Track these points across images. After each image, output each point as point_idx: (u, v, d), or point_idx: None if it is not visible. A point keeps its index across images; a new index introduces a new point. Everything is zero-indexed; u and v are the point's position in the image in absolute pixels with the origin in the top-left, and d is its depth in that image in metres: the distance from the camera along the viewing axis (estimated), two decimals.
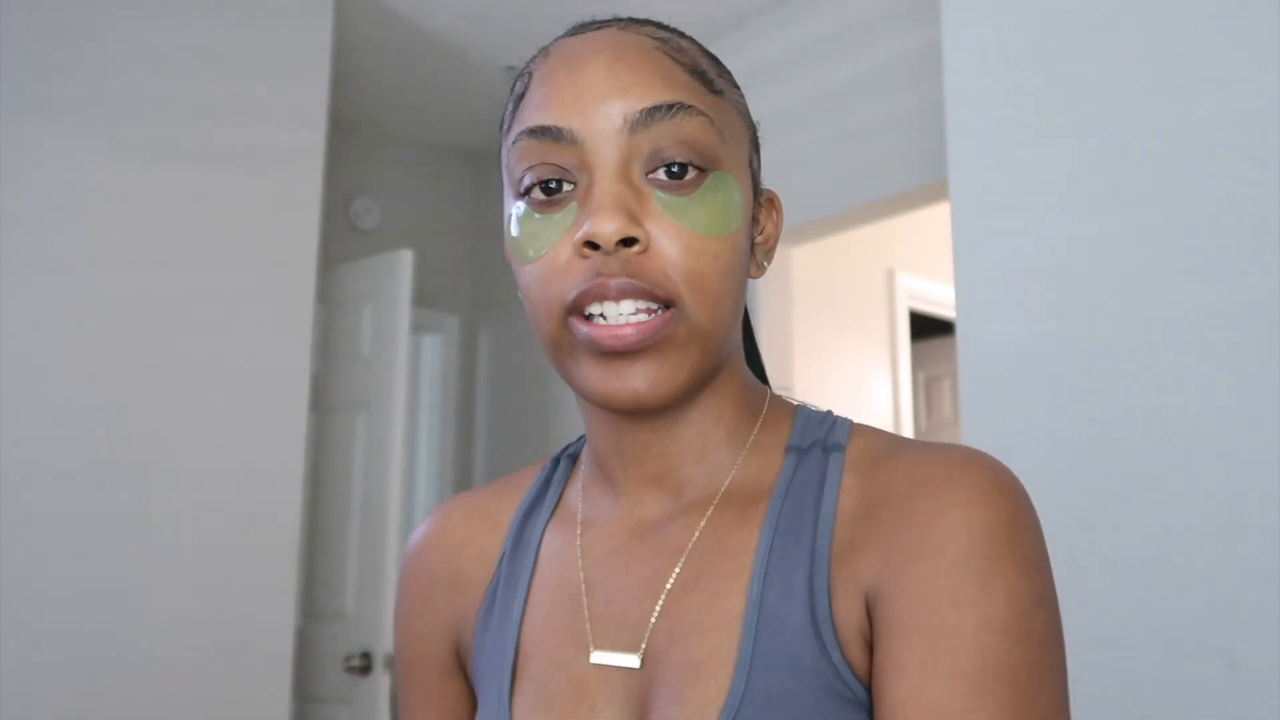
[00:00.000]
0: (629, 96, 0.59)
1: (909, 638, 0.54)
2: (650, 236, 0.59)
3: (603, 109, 0.59)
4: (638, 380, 0.59)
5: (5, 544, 2.27)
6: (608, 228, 0.57)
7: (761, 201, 0.69)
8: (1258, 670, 1.57)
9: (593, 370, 0.60)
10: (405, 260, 3.25)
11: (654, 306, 0.59)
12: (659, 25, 0.66)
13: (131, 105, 2.56)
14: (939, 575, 0.55)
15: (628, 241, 0.58)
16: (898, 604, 0.55)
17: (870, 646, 0.57)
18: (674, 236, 0.59)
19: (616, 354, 0.59)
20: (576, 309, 0.59)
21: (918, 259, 4.04)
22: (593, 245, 0.58)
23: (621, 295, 0.58)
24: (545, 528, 0.72)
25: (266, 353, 2.70)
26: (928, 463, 0.59)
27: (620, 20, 0.66)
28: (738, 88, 0.68)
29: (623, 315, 0.58)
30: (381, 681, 3.00)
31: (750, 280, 0.76)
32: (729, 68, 0.69)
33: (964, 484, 0.57)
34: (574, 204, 0.60)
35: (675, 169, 0.59)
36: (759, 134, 0.70)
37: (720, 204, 0.60)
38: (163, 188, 2.58)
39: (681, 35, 0.66)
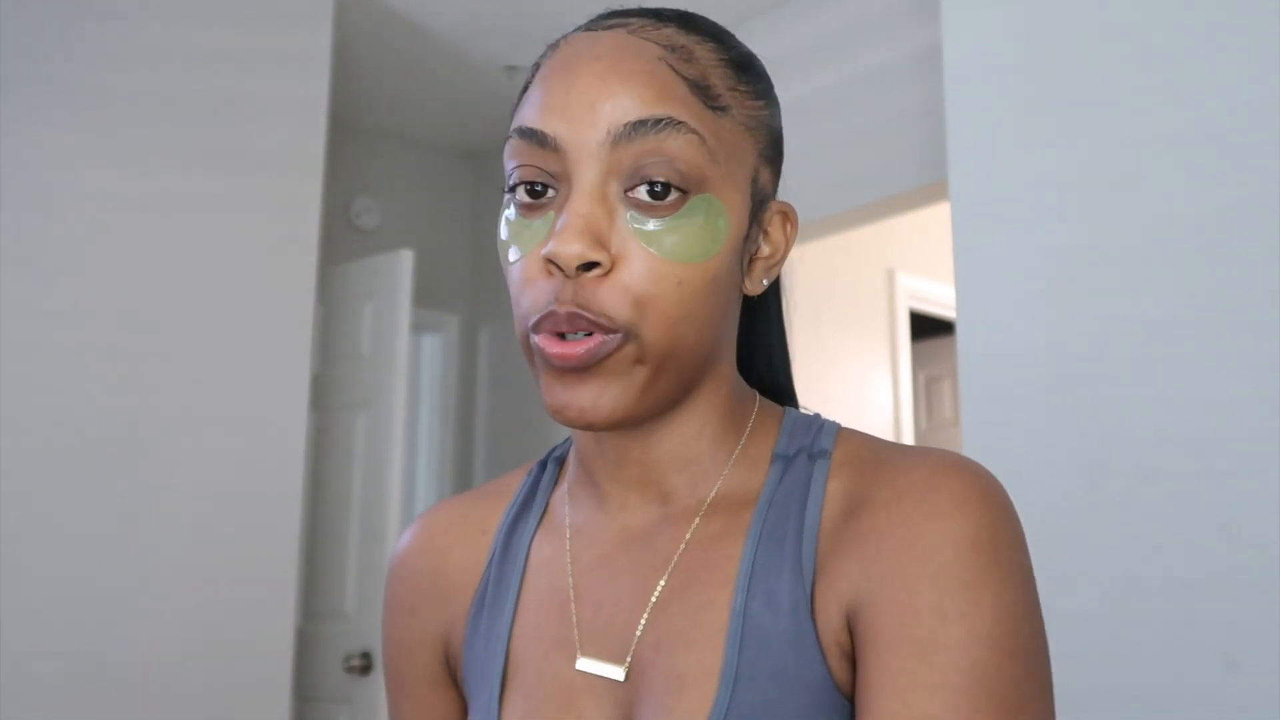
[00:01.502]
0: (616, 108, 0.58)
1: (897, 650, 0.54)
2: (615, 256, 0.58)
3: (588, 119, 0.58)
4: (585, 399, 0.58)
5: (5, 545, 2.27)
6: (569, 250, 0.56)
7: (769, 215, 0.66)
8: (1258, 670, 1.57)
9: (548, 384, 0.60)
10: (405, 260, 3.25)
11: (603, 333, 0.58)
12: (682, 25, 0.63)
13: (132, 105, 2.56)
14: (923, 588, 0.54)
15: (589, 265, 0.57)
16: (882, 617, 0.55)
17: (848, 658, 0.57)
18: (640, 260, 0.58)
19: (567, 371, 0.58)
20: (537, 329, 0.59)
21: (918, 259, 4.04)
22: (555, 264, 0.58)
23: (575, 328, 0.57)
24: (534, 534, 0.71)
25: (266, 352, 2.70)
26: (909, 470, 0.59)
27: (640, 17, 0.63)
28: (761, 98, 0.65)
29: (577, 335, 0.58)
30: (381, 681, 3.00)
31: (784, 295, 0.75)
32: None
33: (945, 492, 0.57)
34: (551, 212, 0.60)
35: (657, 189, 0.58)
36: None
37: (697, 230, 0.59)
38: (163, 188, 2.58)
39: (708, 37, 0.64)
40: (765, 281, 0.66)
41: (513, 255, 0.61)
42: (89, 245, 2.47)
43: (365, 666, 3.04)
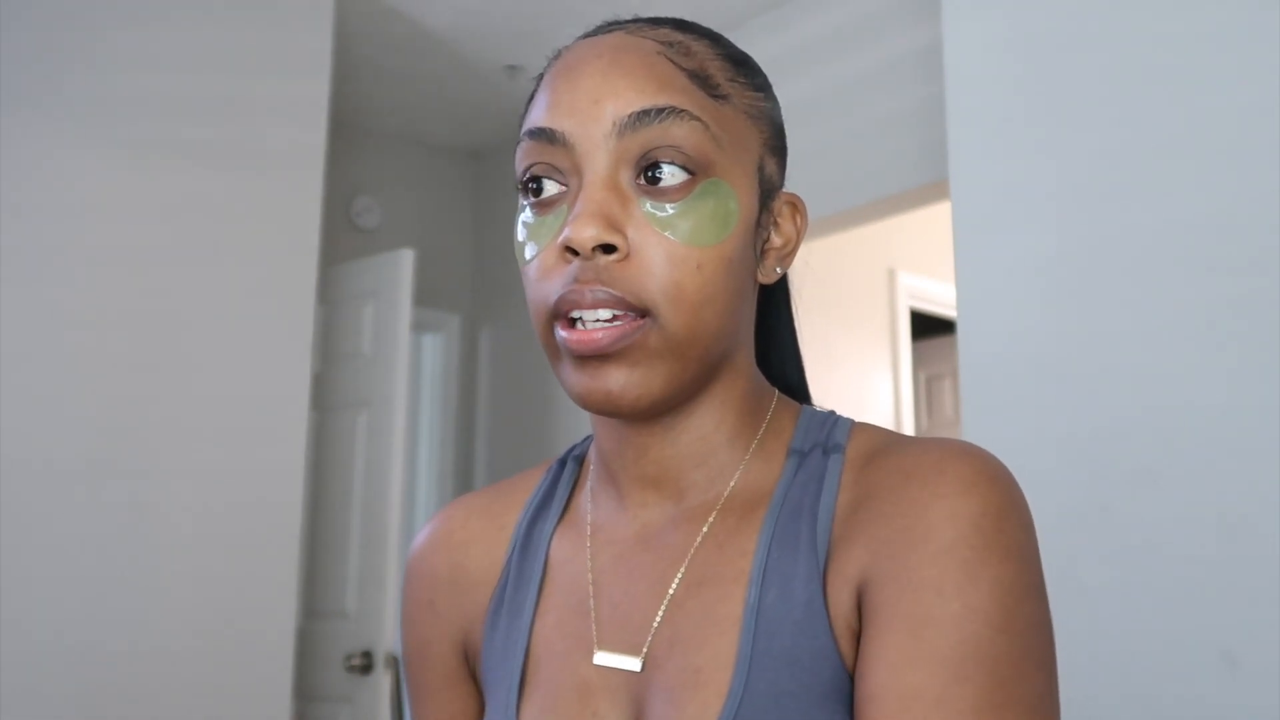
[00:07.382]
0: (619, 100, 0.60)
1: (891, 624, 0.54)
2: (632, 244, 0.59)
3: (593, 112, 0.60)
4: (611, 382, 0.59)
5: (7, 543, 2.27)
6: (585, 233, 0.58)
7: (778, 205, 0.68)
8: (1258, 670, 1.57)
9: (572, 373, 0.61)
10: (406, 259, 3.25)
11: (629, 314, 0.59)
12: (678, 26, 0.65)
13: (131, 105, 2.56)
14: (924, 564, 0.55)
15: (607, 249, 0.58)
16: (883, 592, 0.56)
17: (857, 639, 0.58)
18: (656, 245, 0.59)
19: (590, 358, 0.59)
20: (558, 314, 0.60)
21: (918, 258, 4.04)
22: (573, 250, 0.59)
23: (596, 304, 0.58)
24: (554, 531, 0.71)
25: (267, 352, 2.70)
26: (917, 454, 0.60)
27: (637, 21, 0.66)
28: (760, 90, 0.66)
29: (598, 321, 0.59)
30: (382, 681, 3.01)
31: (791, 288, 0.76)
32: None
33: (951, 474, 0.57)
34: (565, 206, 0.61)
35: (665, 173, 0.59)
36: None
37: (709, 212, 0.60)
38: (163, 188, 2.58)
39: (702, 36, 0.65)
40: (778, 270, 0.68)
41: (529, 252, 0.62)
42: (89, 246, 2.47)
43: (366, 666, 3.04)
